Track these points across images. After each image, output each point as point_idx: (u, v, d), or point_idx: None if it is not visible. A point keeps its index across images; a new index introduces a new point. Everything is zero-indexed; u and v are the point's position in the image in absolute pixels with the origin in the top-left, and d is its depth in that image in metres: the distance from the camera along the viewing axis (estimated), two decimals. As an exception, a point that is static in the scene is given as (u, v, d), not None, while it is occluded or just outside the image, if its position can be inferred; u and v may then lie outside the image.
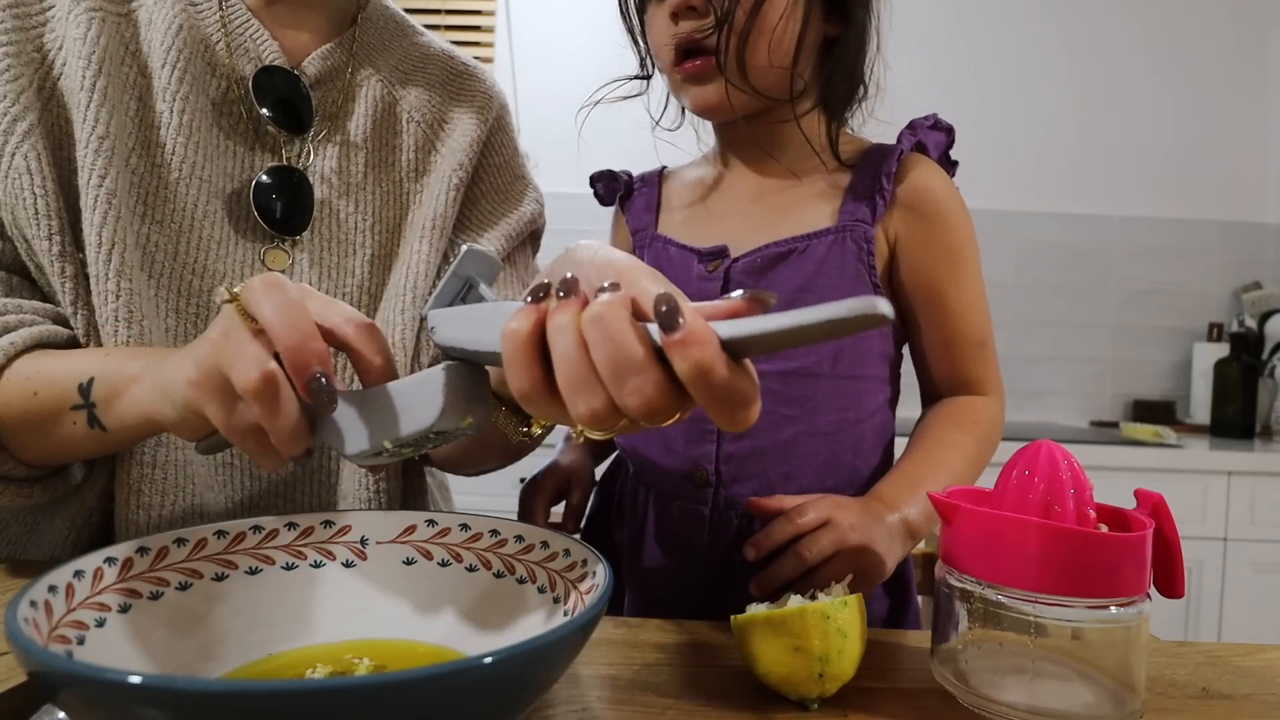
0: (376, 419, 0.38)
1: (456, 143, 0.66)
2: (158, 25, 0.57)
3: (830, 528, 0.53)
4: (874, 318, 0.25)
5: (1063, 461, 0.41)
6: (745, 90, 0.60)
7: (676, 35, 0.60)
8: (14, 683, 0.36)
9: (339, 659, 0.39)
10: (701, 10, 0.58)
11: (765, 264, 0.62)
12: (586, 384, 0.30)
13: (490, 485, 1.59)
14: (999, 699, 0.39)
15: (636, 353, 0.29)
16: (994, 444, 0.64)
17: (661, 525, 0.65)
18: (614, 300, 0.30)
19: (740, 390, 0.29)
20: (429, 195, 0.64)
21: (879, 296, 0.25)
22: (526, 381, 0.31)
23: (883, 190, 0.61)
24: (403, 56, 0.68)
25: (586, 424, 0.31)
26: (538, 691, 0.31)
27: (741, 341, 0.28)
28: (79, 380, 0.47)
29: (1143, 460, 1.69)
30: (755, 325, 0.28)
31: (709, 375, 0.28)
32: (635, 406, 0.29)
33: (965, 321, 0.63)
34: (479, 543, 0.45)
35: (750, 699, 0.41)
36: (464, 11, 2.20)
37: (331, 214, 0.62)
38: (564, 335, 0.30)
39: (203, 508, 0.56)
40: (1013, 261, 2.18)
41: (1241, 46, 2.18)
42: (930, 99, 2.26)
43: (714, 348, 0.28)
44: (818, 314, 0.26)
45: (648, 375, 0.29)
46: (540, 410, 0.32)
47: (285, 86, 0.61)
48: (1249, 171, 2.20)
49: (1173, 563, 0.41)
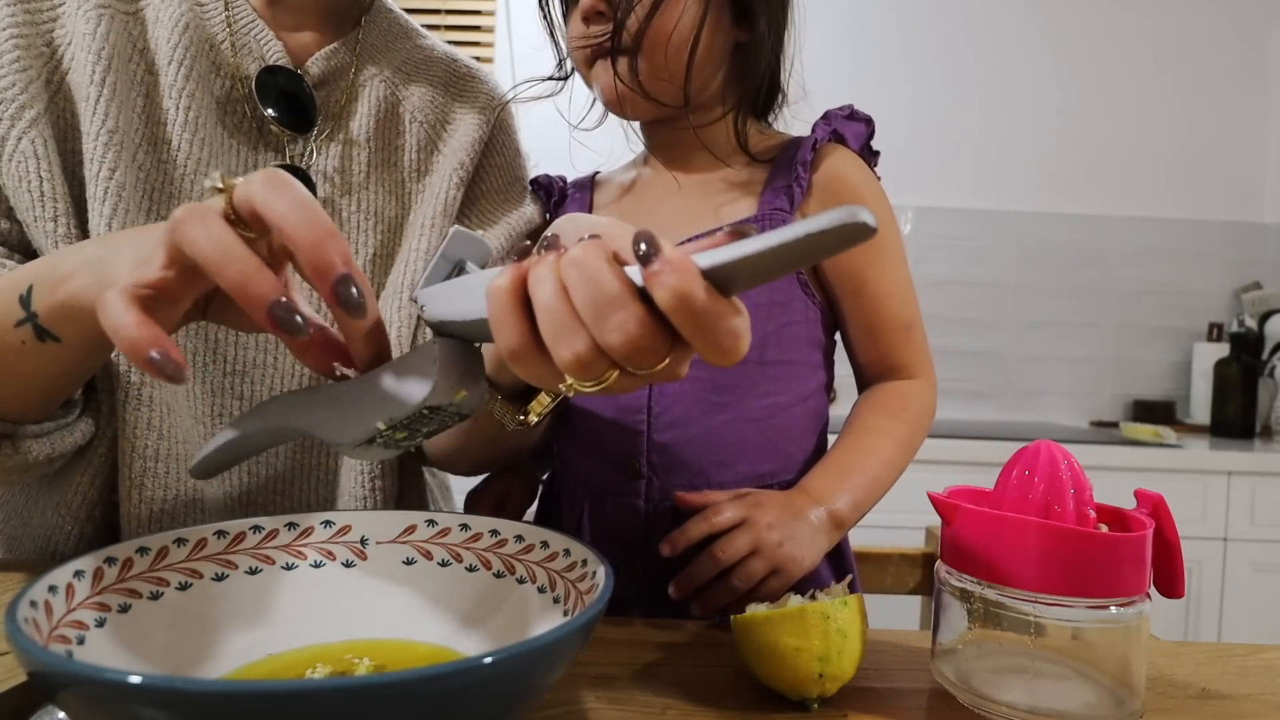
0: (368, 402, 0.38)
1: (458, 142, 0.66)
2: (164, 23, 0.58)
3: (747, 526, 0.53)
4: (857, 226, 0.24)
5: (1063, 461, 0.41)
6: (636, 91, 0.61)
7: (586, 38, 0.61)
8: (14, 683, 0.36)
9: (339, 659, 0.39)
10: (608, 15, 0.59)
11: None
12: (568, 327, 0.29)
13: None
14: (999, 699, 0.39)
15: (615, 289, 0.28)
16: (925, 426, 0.64)
17: (597, 522, 0.65)
18: (591, 243, 0.29)
19: (725, 316, 0.28)
20: (430, 194, 0.65)
21: (860, 207, 0.24)
22: (514, 336, 0.31)
23: (799, 179, 0.62)
24: (406, 58, 0.69)
25: (572, 371, 0.30)
26: (538, 691, 0.31)
27: (723, 268, 0.27)
28: (19, 292, 0.42)
29: (1143, 460, 1.69)
30: (735, 250, 0.27)
31: (690, 301, 0.27)
32: (618, 345, 0.28)
33: (889, 305, 0.63)
34: (479, 543, 0.45)
35: (750, 699, 0.41)
36: (464, 11, 2.20)
37: (334, 212, 0.62)
38: (545, 283, 0.30)
39: (203, 502, 0.57)
40: (1013, 261, 2.18)
41: (1242, 46, 2.18)
42: (931, 99, 2.27)
43: (692, 274, 0.27)
44: (798, 230, 0.25)
45: (629, 310, 0.28)
46: (528, 368, 0.31)
47: (289, 86, 0.61)
48: (1249, 171, 2.20)
49: (1173, 563, 0.41)
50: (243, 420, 0.43)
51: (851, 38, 2.15)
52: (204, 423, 0.58)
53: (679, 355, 0.30)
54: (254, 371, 0.59)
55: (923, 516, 0.61)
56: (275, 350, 0.59)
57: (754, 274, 0.28)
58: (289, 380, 0.60)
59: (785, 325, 0.63)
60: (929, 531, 0.78)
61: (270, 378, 0.59)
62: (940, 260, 2.16)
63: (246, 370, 0.59)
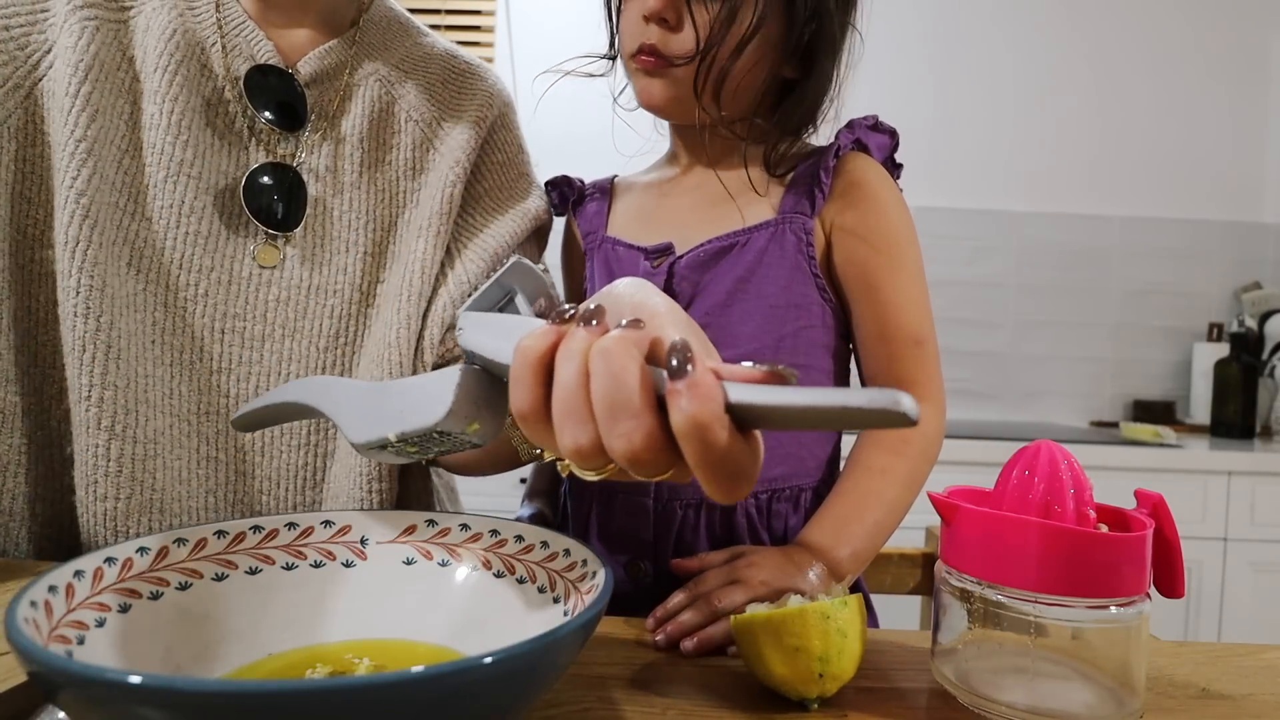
0: (385, 411, 0.38)
1: (455, 141, 0.66)
2: (154, 31, 0.59)
3: (742, 587, 0.51)
4: (893, 414, 0.23)
5: (1063, 461, 0.41)
6: (715, 118, 0.61)
7: (645, 39, 0.60)
8: (14, 683, 0.36)
9: (339, 659, 0.39)
10: (673, 24, 0.59)
11: (708, 258, 0.63)
12: (578, 415, 0.28)
13: (495, 485, 1.60)
14: (999, 699, 0.39)
15: (634, 394, 0.27)
16: (931, 458, 0.63)
17: (605, 522, 0.65)
18: (627, 336, 0.28)
19: (735, 459, 0.27)
20: (427, 194, 0.65)
21: (903, 393, 0.24)
22: (526, 401, 0.30)
23: (820, 184, 0.62)
24: (404, 56, 0.69)
25: (571, 457, 0.29)
26: (538, 691, 0.31)
27: (750, 409, 0.26)
28: None
29: (1143, 460, 1.69)
30: (767, 395, 0.26)
31: (705, 433, 0.26)
32: (620, 450, 0.27)
33: (900, 315, 0.62)
34: (479, 543, 0.45)
35: (750, 699, 0.41)
36: (464, 11, 2.20)
37: (325, 211, 0.62)
38: (570, 361, 0.29)
39: (161, 502, 0.57)
40: (1013, 261, 2.18)
41: (1242, 47, 2.18)
42: (931, 98, 2.27)
43: (716, 405, 0.26)
44: (836, 397, 0.25)
45: (640, 421, 0.27)
46: (534, 434, 0.31)
47: (280, 85, 0.62)
48: (1249, 171, 2.20)
49: (1173, 563, 0.41)
50: (284, 390, 0.44)
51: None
52: (189, 420, 0.58)
53: (682, 470, 0.29)
54: (239, 369, 0.59)
55: (923, 516, 0.61)
56: (261, 348, 0.60)
57: (779, 422, 0.27)
58: (275, 378, 0.60)
59: (802, 328, 0.63)
60: (929, 531, 0.78)
61: (255, 375, 0.59)
62: (940, 260, 2.16)
63: (232, 368, 0.59)
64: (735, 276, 0.62)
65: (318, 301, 0.61)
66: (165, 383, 0.57)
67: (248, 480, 0.60)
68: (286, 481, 0.61)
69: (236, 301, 0.59)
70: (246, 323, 0.59)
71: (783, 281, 0.62)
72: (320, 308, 0.61)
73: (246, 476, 0.60)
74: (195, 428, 0.58)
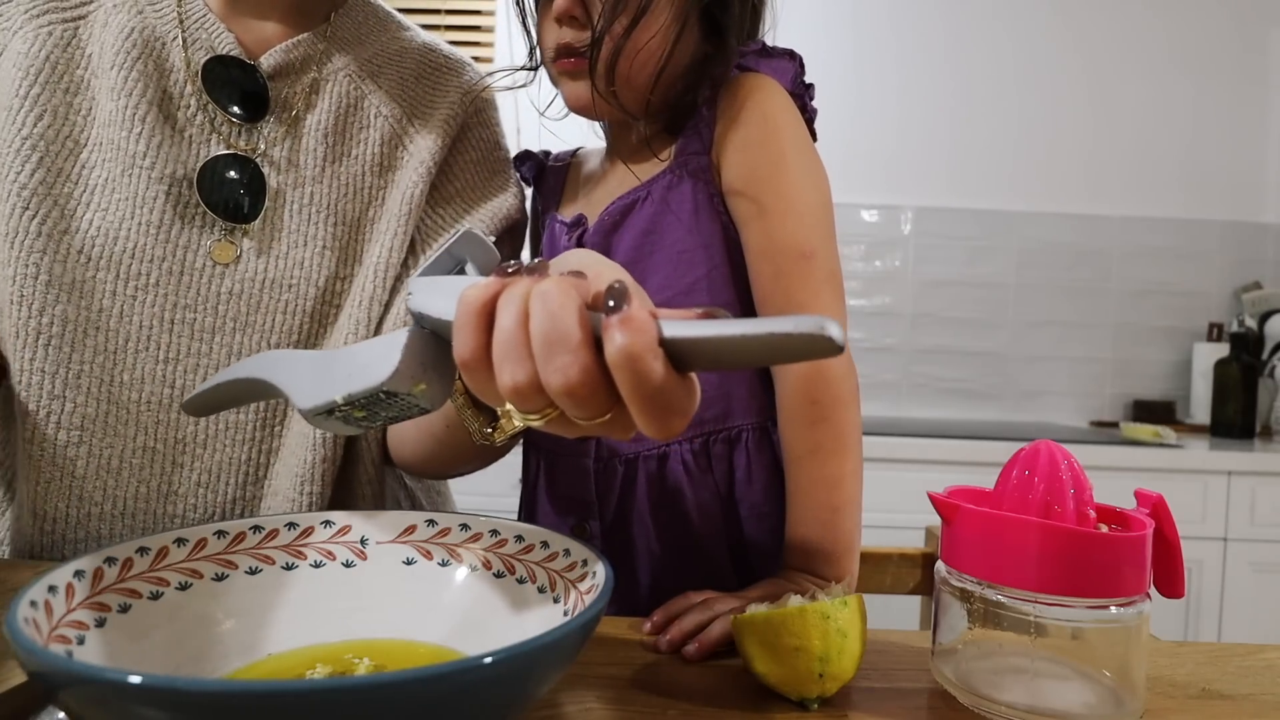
0: (333, 375, 0.38)
1: (424, 140, 0.66)
2: (112, 28, 0.60)
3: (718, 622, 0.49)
4: (819, 339, 0.24)
5: (1063, 462, 0.41)
6: (610, 101, 0.61)
7: (559, 40, 0.61)
8: (14, 683, 0.36)
9: (339, 659, 0.39)
10: (582, 21, 0.59)
11: (614, 220, 0.64)
12: (515, 354, 0.29)
13: (490, 485, 1.59)
14: (999, 699, 0.39)
15: (571, 330, 0.28)
16: (848, 401, 0.57)
17: (551, 485, 0.66)
18: (565, 279, 0.29)
19: (669, 393, 0.27)
20: (395, 191, 0.65)
21: (833, 322, 0.24)
22: (468, 348, 0.31)
23: (703, 117, 0.62)
24: (378, 50, 0.68)
25: (511, 397, 0.30)
26: (538, 691, 0.31)
27: (684, 342, 0.27)
28: None
29: (1143, 460, 1.69)
30: (701, 329, 0.27)
31: (637, 364, 0.26)
32: (556, 386, 0.28)
33: (785, 223, 0.58)
34: (479, 543, 0.45)
35: (750, 699, 0.41)
36: (464, 11, 2.20)
37: (284, 204, 0.62)
38: (511, 305, 0.29)
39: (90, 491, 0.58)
40: (1013, 261, 2.18)
41: (1242, 46, 2.18)
42: (931, 98, 2.26)
43: (649, 337, 0.27)
44: (762, 325, 0.25)
45: (576, 355, 0.27)
46: (476, 381, 0.31)
47: (241, 78, 0.62)
48: (1249, 171, 2.20)
49: (1173, 563, 0.41)
50: (235, 368, 0.44)
51: (851, 37, 2.15)
52: (127, 408, 0.59)
53: (624, 416, 0.29)
54: (187, 360, 0.60)
55: (923, 516, 0.61)
56: (210, 340, 0.60)
57: (711, 356, 0.27)
58: (251, 345, 0.60)
59: (715, 268, 0.61)
60: (929, 531, 0.78)
61: (204, 367, 0.60)
62: (940, 260, 2.16)
63: (180, 358, 0.60)
64: (640, 230, 0.62)
65: (272, 296, 0.61)
66: (104, 370, 0.58)
67: (184, 472, 0.60)
68: (226, 475, 0.61)
69: (188, 293, 0.59)
70: (197, 314, 0.59)
71: (687, 225, 0.61)
72: (275, 302, 0.61)
73: (184, 469, 0.60)
74: (133, 416, 0.58)
